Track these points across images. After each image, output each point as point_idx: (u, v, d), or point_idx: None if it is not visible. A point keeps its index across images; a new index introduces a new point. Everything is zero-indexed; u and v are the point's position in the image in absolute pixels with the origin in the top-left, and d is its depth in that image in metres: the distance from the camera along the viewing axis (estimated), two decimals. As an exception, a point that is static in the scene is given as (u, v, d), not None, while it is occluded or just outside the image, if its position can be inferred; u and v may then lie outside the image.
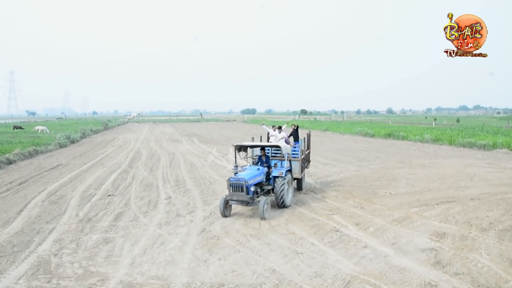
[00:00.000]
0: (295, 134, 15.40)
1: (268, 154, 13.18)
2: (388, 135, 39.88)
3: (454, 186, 15.07)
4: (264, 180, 12.33)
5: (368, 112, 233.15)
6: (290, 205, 12.41)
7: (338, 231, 9.96)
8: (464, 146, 29.66)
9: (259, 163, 12.86)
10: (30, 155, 26.02)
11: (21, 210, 12.40)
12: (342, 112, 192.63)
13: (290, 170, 12.92)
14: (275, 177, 12.28)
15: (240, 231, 10.04)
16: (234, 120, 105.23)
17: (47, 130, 49.73)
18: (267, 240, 9.33)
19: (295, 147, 14.32)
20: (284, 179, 12.07)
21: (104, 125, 67.78)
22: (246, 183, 11.04)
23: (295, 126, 15.80)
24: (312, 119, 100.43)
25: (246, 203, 11.26)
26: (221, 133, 51.43)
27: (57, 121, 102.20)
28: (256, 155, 13.64)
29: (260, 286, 6.94)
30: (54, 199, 13.85)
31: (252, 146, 13.47)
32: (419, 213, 11.42)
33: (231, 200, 11.29)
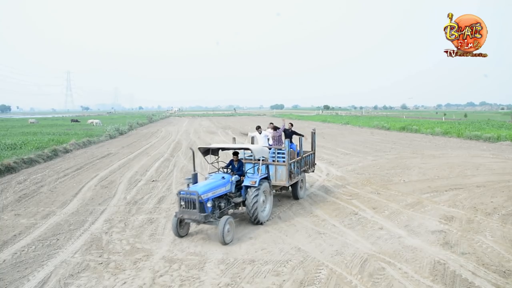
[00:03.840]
0: (289, 133, 11.77)
1: (241, 159, 9.96)
2: (402, 128, 39.02)
3: (462, 174, 14.66)
4: (233, 190, 9.07)
5: (384, 107, 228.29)
6: (266, 221, 9.32)
7: (356, 214, 9.89)
8: (471, 139, 28.74)
9: (228, 169, 9.68)
10: (84, 145, 26.38)
11: (76, 193, 12.54)
12: (361, 108, 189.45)
13: (267, 178, 9.67)
14: (247, 186, 9.18)
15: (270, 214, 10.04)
16: (264, 115, 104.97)
17: (100, 123, 50.21)
18: (293, 222, 9.35)
19: (280, 149, 10.80)
20: (258, 189, 8.97)
21: (148, 118, 67.97)
22: (200, 198, 7.84)
23: (291, 124, 12.25)
24: (334, 113, 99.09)
25: (202, 222, 8.03)
26: (253, 126, 51.28)
27: (107, 115, 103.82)
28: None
29: (287, 263, 6.96)
30: (105, 184, 13.97)
31: (222, 149, 10.11)
32: (430, 199, 11.20)
33: (182, 218, 8.17)
